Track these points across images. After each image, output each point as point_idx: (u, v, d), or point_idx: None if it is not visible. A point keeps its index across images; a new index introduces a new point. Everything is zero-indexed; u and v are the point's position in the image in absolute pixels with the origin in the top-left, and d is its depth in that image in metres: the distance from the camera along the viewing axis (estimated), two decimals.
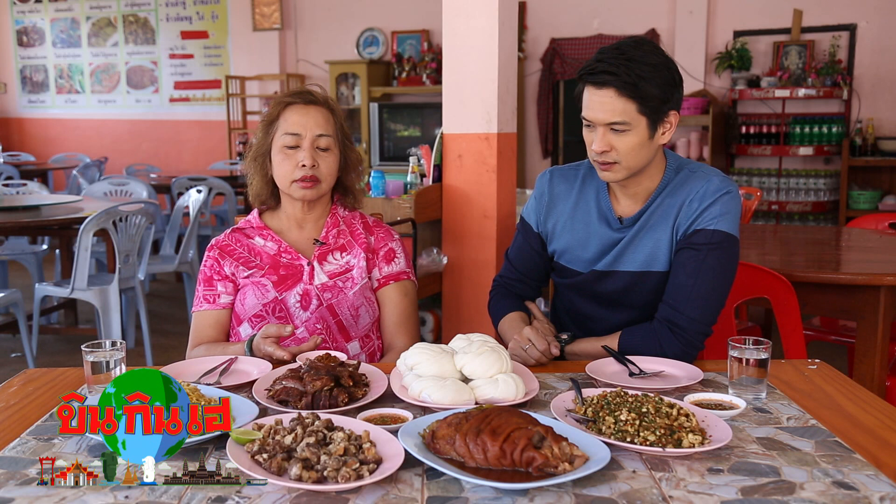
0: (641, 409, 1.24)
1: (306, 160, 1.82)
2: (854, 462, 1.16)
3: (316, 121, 1.85)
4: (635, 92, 1.63)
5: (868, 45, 6.17)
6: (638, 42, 1.68)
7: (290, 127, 1.84)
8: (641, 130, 1.66)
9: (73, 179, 6.70)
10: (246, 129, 8.10)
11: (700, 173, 1.76)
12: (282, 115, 1.87)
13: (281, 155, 1.85)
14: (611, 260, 1.79)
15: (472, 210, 3.53)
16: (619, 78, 1.62)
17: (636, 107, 1.64)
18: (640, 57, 1.63)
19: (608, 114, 1.65)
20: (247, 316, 1.88)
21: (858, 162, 6.04)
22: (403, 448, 1.14)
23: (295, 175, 1.83)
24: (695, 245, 1.70)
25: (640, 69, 1.62)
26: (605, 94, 1.64)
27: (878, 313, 2.43)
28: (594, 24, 6.92)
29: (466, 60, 3.42)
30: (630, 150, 1.67)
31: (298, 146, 1.83)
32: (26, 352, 3.97)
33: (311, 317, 1.87)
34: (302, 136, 1.83)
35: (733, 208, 1.72)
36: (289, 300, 1.87)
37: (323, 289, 1.88)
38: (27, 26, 9.25)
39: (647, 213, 1.77)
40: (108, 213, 3.79)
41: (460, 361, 1.45)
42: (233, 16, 8.30)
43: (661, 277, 1.76)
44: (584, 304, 1.88)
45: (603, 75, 1.63)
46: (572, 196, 1.86)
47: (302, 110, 1.86)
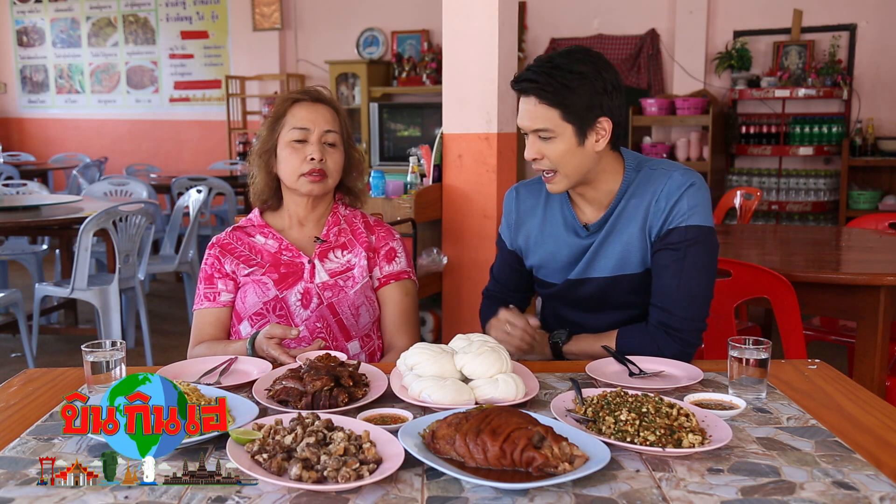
0: (641, 409, 1.24)
1: (315, 154, 1.83)
2: (854, 462, 1.16)
3: (324, 117, 1.87)
4: (556, 100, 1.63)
5: (868, 45, 6.17)
6: (570, 51, 1.68)
7: (298, 122, 1.85)
8: (568, 137, 1.66)
9: (73, 179, 6.70)
10: (246, 129, 8.10)
11: (660, 170, 1.74)
12: (289, 112, 1.88)
13: (288, 149, 1.85)
14: (582, 268, 1.79)
15: (472, 210, 3.53)
16: (539, 86, 1.63)
17: (559, 114, 1.64)
18: (566, 65, 1.64)
19: (532, 121, 1.67)
20: (247, 314, 1.88)
21: (858, 162, 6.04)
22: (403, 448, 1.14)
23: (303, 169, 1.84)
24: (672, 245, 1.69)
25: (564, 77, 1.63)
26: (529, 101, 1.67)
27: (878, 313, 2.43)
28: (594, 24, 6.92)
29: (466, 60, 3.42)
30: (560, 158, 1.67)
31: (306, 140, 1.85)
32: (26, 352, 3.97)
33: (312, 315, 1.87)
34: (310, 130, 1.85)
35: (702, 199, 1.71)
36: (289, 298, 1.87)
37: (324, 287, 1.88)
38: (27, 26, 9.25)
39: (613, 216, 1.76)
40: (108, 213, 3.79)
41: (460, 361, 1.45)
42: (233, 16, 8.30)
43: (636, 278, 1.76)
44: (568, 310, 1.89)
45: (524, 83, 1.66)
46: (538, 211, 1.87)
47: (310, 107, 1.88)
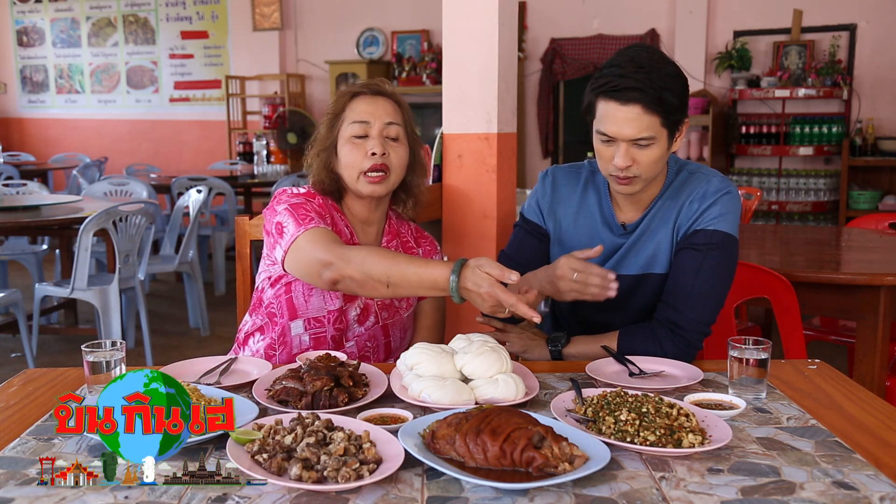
0: (641, 409, 1.24)
1: (376, 148, 1.71)
2: (854, 462, 1.16)
3: (385, 109, 1.76)
4: (661, 106, 1.59)
5: (868, 45, 6.17)
6: (648, 50, 1.64)
7: (357, 115, 1.75)
8: (663, 142, 1.64)
9: (73, 179, 6.70)
10: (246, 130, 8.11)
11: (699, 174, 1.76)
12: (348, 107, 1.77)
13: (349, 145, 1.74)
14: (612, 265, 1.79)
15: (472, 210, 3.53)
16: (645, 94, 1.58)
17: (660, 120, 1.61)
18: (658, 68, 1.60)
19: (635, 130, 1.60)
20: (306, 315, 1.75)
21: (858, 162, 6.04)
22: (403, 448, 1.14)
23: (364, 165, 1.72)
24: (695, 245, 1.70)
25: (663, 81, 1.59)
26: (632, 110, 1.59)
27: (878, 313, 2.43)
28: (594, 24, 6.92)
29: (466, 60, 3.42)
30: (652, 163, 1.65)
31: (367, 135, 1.74)
32: (26, 352, 3.97)
33: (365, 333, 1.79)
34: (370, 123, 1.74)
35: (733, 209, 1.72)
36: (349, 312, 1.77)
37: (382, 306, 1.80)
38: (27, 26, 9.25)
39: (649, 217, 1.77)
40: (108, 213, 3.78)
41: (460, 361, 1.45)
42: (233, 16, 8.30)
43: (660, 279, 1.77)
44: (584, 306, 1.86)
45: (629, 92, 1.58)
46: (575, 199, 1.85)
47: (370, 99, 1.77)
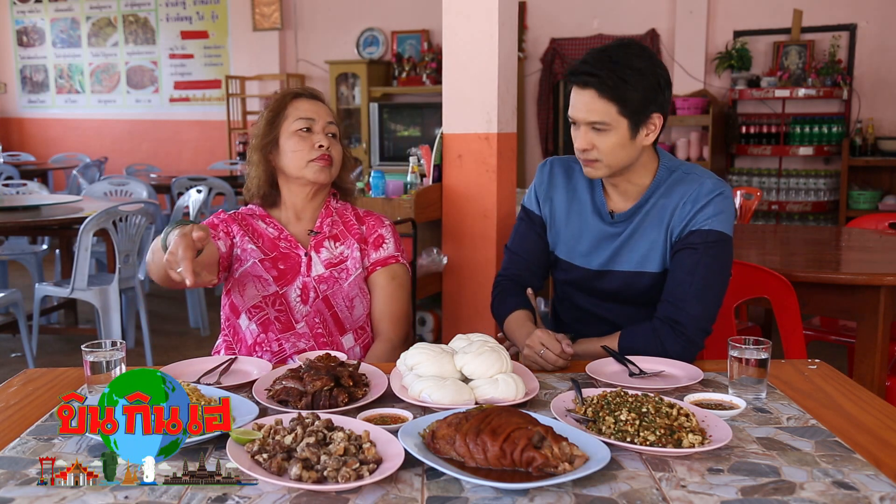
0: (641, 409, 1.24)
1: (323, 141, 1.90)
2: (854, 462, 1.16)
3: (325, 111, 1.96)
4: (615, 94, 1.67)
5: (868, 45, 6.17)
6: (626, 45, 1.71)
7: (303, 113, 1.92)
8: (622, 131, 1.70)
9: (73, 179, 6.70)
10: (246, 129, 8.10)
11: (693, 175, 1.79)
12: (291, 105, 1.94)
13: (295, 138, 1.90)
14: (607, 259, 1.83)
15: (472, 210, 3.53)
16: (600, 80, 1.67)
17: (616, 108, 1.68)
18: (624, 60, 1.67)
19: (589, 113, 1.70)
20: (245, 307, 1.89)
21: (858, 162, 6.04)
22: (403, 448, 1.14)
23: (312, 155, 1.89)
24: (691, 245, 1.73)
25: (623, 72, 1.66)
26: (587, 94, 1.69)
27: (878, 313, 2.43)
28: (594, 24, 6.92)
29: (466, 60, 3.42)
30: (610, 150, 1.71)
31: (311, 130, 1.91)
32: (26, 352, 3.97)
33: (311, 311, 1.89)
34: (315, 121, 1.92)
35: (727, 209, 1.75)
36: (290, 294, 1.89)
37: (319, 280, 1.91)
38: (27, 26, 9.25)
39: (643, 211, 1.80)
40: (108, 213, 3.78)
41: (460, 361, 1.45)
42: (233, 16, 8.30)
43: (653, 278, 1.80)
44: (583, 299, 1.91)
45: (585, 76, 1.68)
46: (569, 187, 1.91)
47: (311, 101, 1.96)
